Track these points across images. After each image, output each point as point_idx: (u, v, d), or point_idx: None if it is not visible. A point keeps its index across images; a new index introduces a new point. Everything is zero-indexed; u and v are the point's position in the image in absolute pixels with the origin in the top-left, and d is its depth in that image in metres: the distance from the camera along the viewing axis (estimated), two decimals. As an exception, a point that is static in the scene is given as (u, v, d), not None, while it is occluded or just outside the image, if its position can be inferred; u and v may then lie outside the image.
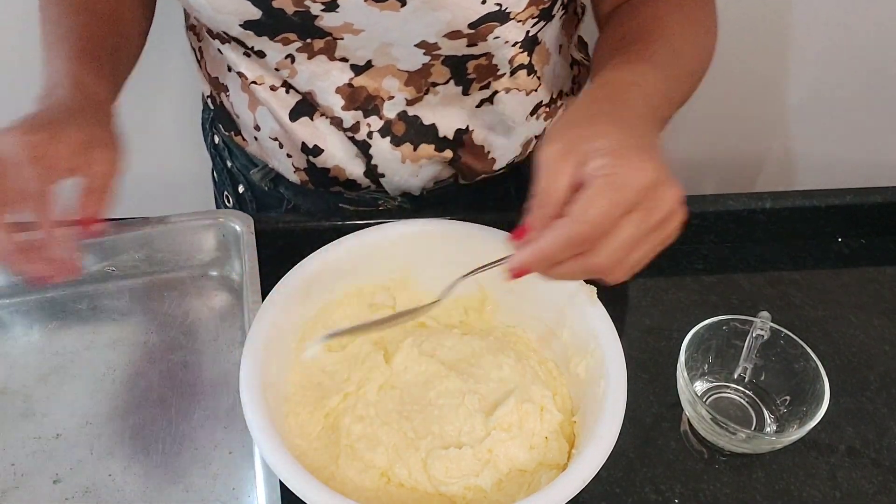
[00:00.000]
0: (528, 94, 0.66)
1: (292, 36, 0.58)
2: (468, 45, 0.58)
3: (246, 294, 0.59)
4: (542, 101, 0.68)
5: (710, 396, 0.59)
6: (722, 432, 0.54)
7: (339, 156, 0.67)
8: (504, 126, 0.67)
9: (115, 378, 0.59)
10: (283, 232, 0.66)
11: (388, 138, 0.65)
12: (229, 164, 0.77)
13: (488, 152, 0.68)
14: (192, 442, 0.55)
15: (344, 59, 0.60)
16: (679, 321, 0.64)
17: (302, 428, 0.52)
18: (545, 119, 0.70)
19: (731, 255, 0.70)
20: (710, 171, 1.14)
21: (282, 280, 0.54)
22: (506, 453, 0.51)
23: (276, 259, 0.63)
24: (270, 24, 0.56)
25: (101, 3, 0.62)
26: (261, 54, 0.60)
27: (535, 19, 0.59)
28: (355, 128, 0.64)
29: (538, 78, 0.66)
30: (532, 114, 0.68)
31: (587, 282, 0.53)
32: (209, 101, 0.73)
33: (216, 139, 0.77)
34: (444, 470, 0.50)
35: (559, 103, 0.70)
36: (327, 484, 0.45)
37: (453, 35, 0.56)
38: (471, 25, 0.56)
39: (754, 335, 0.58)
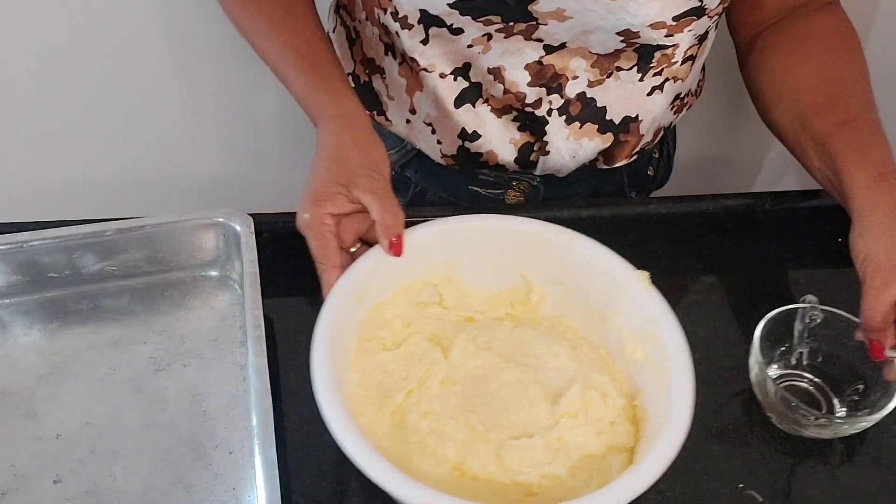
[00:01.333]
0: (675, 82, 0.68)
1: (496, 18, 0.61)
2: (666, 36, 0.61)
3: (246, 294, 0.59)
4: (680, 94, 0.71)
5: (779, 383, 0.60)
6: (796, 418, 0.55)
7: (495, 142, 0.70)
8: (654, 114, 0.70)
9: (115, 378, 0.59)
10: (283, 232, 0.66)
11: (564, 117, 0.68)
12: None
13: (640, 139, 0.71)
14: (193, 442, 0.55)
15: (539, 40, 0.63)
16: (679, 320, 0.64)
17: (370, 427, 0.53)
18: (674, 112, 0.73)
19: (731, 255, 0.70)
20: (710, 171, 1.14)
21: (338, 281, 0.55)
22: (575, 440, 0.52)
23: (276, 259, 0.63)
24: (481, 5, 0.60)
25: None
26: (457, 31, 0.63)
27: (718, 16, 0.64)
28: (537, 104, 0.67)
29: (690, 70, 0.69)
30: (671, 104, 0.71)
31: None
32: (350, 78, 0.74)
33: None
34: (518, 460, 0.51)
35: (686, 101, 0.74)
36: None
37: (657, 25, 0.60)
38: (675, 18, 0.60)
39: (807, 319, 0.59)
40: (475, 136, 0.70)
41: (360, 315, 0.57)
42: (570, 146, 0.70)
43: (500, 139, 0.70)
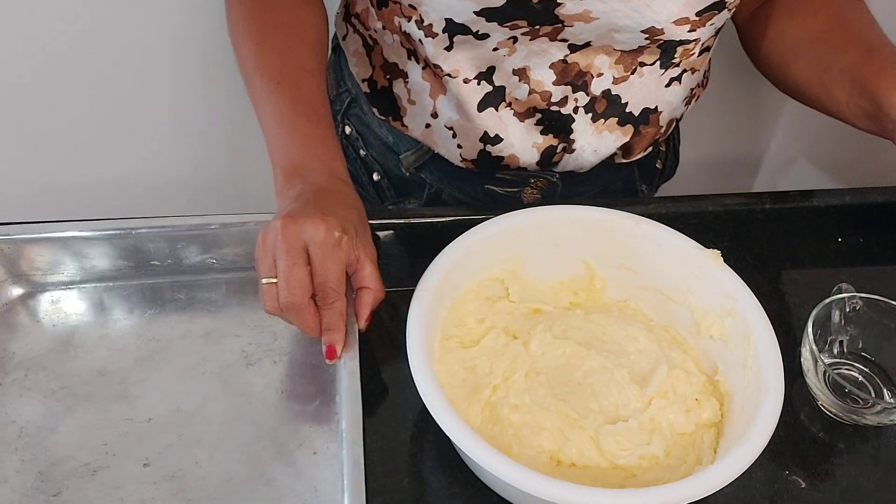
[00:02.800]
0: (692, 74, 0.69)
1: (522, 23, 0.61)
2: (689, 31, 0.62)
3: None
4: (693, 85, 0.72)
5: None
6: (846, 405, 0.56)
7: (517, 146, 0.70)
8: (672, 106, 0.71)
9: (206, 369, 0.60)
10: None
11: (590, 115, 0.69)
12: (362, 153, 0.79)
13: (657, 131, 0.72)
14: (277, 438, 0.56)
15: (564, 40, 0.63)
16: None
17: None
18: (685, 104, 0.73)
19: (731, 255, 0.68)
20: (710, 171, 1.14)
21: (421, 282, 0.55)
22: (667, 419, 0.53)
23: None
24: (508, 11, 0.59)
25: (298, 29, 0.65)
26: (483, 37, 0.62)
27: (734, 9, 0.64)
28: (562, 102, 0.67)
29: (704, 61, 0.70)
30: (686, 96, 0.71)
31: (707, 247, 0.58)
32: (363, 85, 0.74)
33: (347, 129, 0.79)
34: (617, 443, 0.52)
35: (695, 91, 0.74)
36: None
37: (681, 22, 0.60)
38: (698, 13, 0.60)
39: (847, 309, 0.60)
40: (497, 139, 0.70)
41: (442, 314, 0.57)
42: (592, 142, 0.70)
43: (522, 143, 0.70)
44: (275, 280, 0.53)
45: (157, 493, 0.52)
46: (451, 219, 0.68)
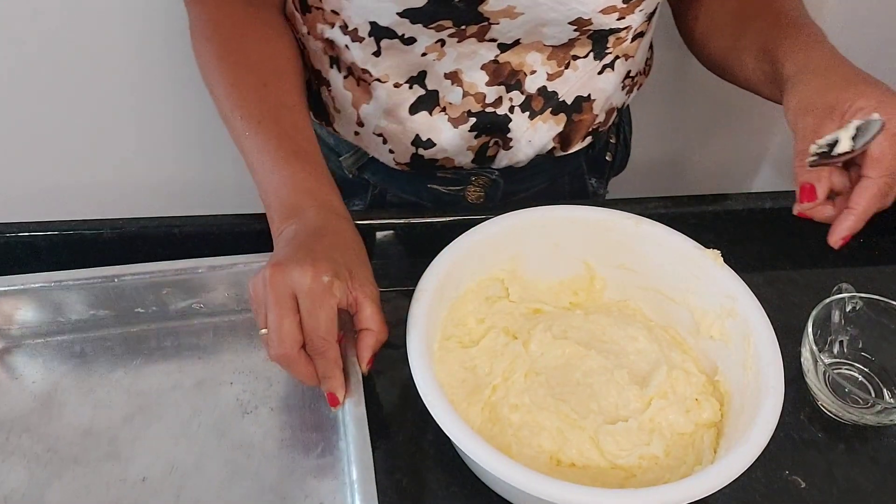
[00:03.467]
0: (626, 60, 0.68)
1: (447, 23, 0.60)
2: (618, 19, 0.61)
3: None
4: (630, 72, 0.71)
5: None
6: (846, 405, 0.57)
7: (451, 150, 0.70)
8: (607, 93, 0.70)
9: (200, 422, 0.56)
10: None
11: (528, 114, 0.68)
12: None
13: (593, 119, 0.71)
14: (282, 492, 0.53)
15: (492, 40, 0.62)
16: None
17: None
18: (626, 92, 0.73)
19: (731, 255, 0.69)
20: (710, 171, 1.14)
21: (421, 282, 0.55)
22: (666, 419, 0.54)
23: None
24: (430, 11, 0.58)
25: (272, 64, 0.62)
26: (410, 41, 0.62)
27: None
28: (497, 103, 0.67)
29: (639, 47, 0.69)
30: (621, 83, 0.71)
31: (707, 247, 0.58)
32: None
33: None
34: (616, 444, 0.52)
35: (636, 79, 0.74)
36: None
37: (608, 10, 0.60)
38: (624, 1, 0.60)
39: (847, 309, 0.60)
40: (430, 143, 0.69)
41: (442, 314, 0.57)
42: (527, 134, 0.70)
43: (456, 146, 0.70)
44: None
45: (160, 560, 0.49)
46: (451, 219, 0.68)
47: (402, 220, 0.68)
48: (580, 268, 0.63)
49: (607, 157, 0.83)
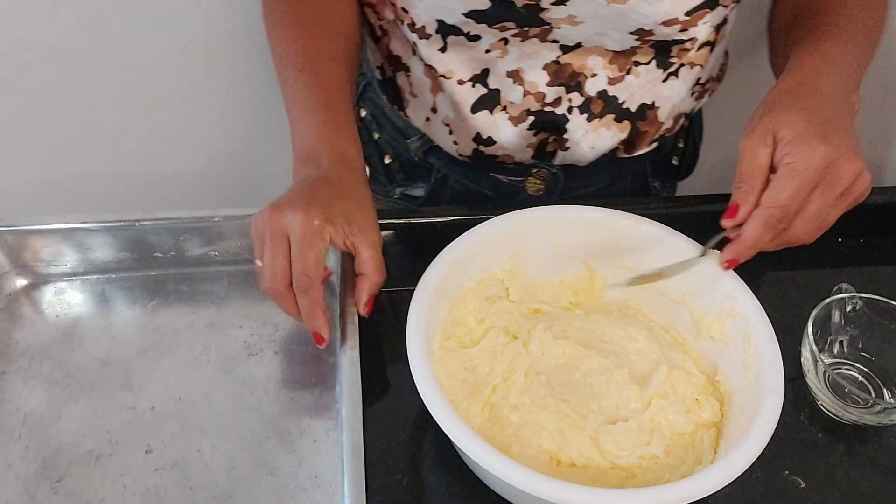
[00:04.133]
0: (692, 68, 0.68)
1: (511, 24, 0.61)
2: (680, 31, 0.62)
3: (339, 287, 0.60)
4: (699, 79, 0.71)
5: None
6: (846, 405, 0.57)
7: (511, 147, 0.71)
8: (672, 101, 0.70)
9: (209, 359, 0.61)
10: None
11: (586, 115, 0.69)
12: (376, 136, 0.80)
13: (659, 127, 0.72)
14: (279, 427, 0.57)
15: (554, 41, 0.64)
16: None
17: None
18: (695, 98, 0.72)
19: None
20: (710, 171, 1.13)
21: (421, 282, 0.55)
22: (666, 419, 0.54)
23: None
24: (494, 14, 0.60)
25: (323, 18, 0.66)
26: (474, 38, 0.64)
27: (734, 3, 0.63)
28: (556, 103, 0.68)
29: (710, 55, 0.69)
30: (690, 90, 0.70)
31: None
32: (377, 71, 0.75)
33: (363, 112, 0.80)
34: (616, 443, 0.52)
35: (707, 86, 0.73)
36: None
37: (670, 22, 0.60)
38: (687, 13, 0.60)
39: (847, 309, 0.60)
40: (490, 141, 0.70)
41: (442, 314, 0.58)
42: (588, 139, 0.70)
43: (516, 144, 0.71)
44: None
45: (161, 481, 0.53)
46: (451, 219, 0.68)
47: (402, 220, 0.68)
48: (580, 268, 0.63)
49: (674, 161, 0.83)
